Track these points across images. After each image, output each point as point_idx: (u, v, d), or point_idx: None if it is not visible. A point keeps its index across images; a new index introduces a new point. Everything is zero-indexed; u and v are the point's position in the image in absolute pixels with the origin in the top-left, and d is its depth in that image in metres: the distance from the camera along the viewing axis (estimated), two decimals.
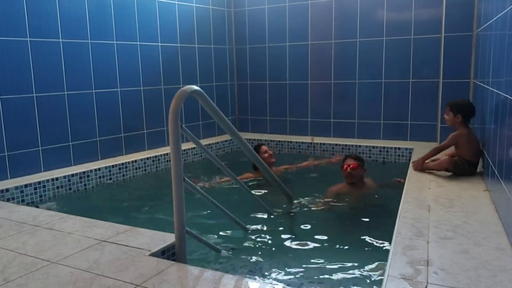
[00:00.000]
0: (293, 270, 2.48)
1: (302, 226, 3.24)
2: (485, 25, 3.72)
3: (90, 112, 4.41)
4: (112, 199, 4.00)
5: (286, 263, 2.58)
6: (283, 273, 2.45)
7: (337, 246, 2.83)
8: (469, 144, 3.46)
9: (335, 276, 2.39)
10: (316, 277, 2.39)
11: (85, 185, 4.06)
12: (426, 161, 3.69)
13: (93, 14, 4.34)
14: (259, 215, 3.31)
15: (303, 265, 2.54)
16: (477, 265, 1.90)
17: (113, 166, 4.32)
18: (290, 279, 2.38)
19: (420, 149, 4.64)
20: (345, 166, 3.71)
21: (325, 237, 3.00)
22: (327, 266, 2.52)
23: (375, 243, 2.84)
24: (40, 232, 2.50)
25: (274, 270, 2.49)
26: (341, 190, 3.77)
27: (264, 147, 4.43)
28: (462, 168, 3.43)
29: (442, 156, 3.64)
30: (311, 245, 2.86)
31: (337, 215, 3.51)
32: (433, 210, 2.65)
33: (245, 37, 6.21)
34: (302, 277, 2.39)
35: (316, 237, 2.98)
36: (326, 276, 2.40)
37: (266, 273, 2.45)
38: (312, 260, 2.61)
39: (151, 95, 5.05)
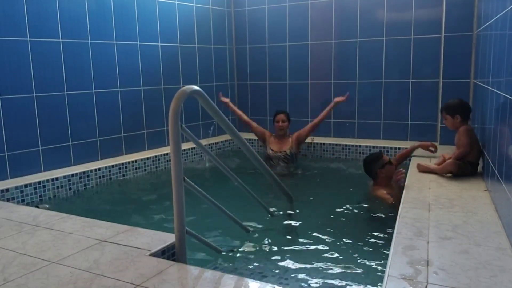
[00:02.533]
0: (293, 270, 2.49)
1: (302, 226, 3.25)
2: (485, 25, 3.72)
3: (90, 112, 4.41)
4: (112, 199, 4.00)
5: (286, 263, 2.58)
6: (283, 273, 2.45)
7: (337, 246, 2.83)
8: (472, 145, 3.45)
9: (335, 276, 2.39)
10: (316, 277, 2.39)
11: (85, 185, 4.06)
12: (427, 164, 3.67)
13: (93, 14, 4.33)
14: (259, 215, 3.31)
15: (303, 265, 2.54)
16: (477, 265, 1.90)
17: (113, 166, 4.32)
18: (290, 279, 2.39)
19: (420, 149, 4.64)
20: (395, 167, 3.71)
21: (325, 237, 3.00)
22: (327, 266, 2.52)
23: (375, 243, 2.84)
24: (40, 232, 2.50)
25: (274, 270, 2.49)
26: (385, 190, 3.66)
27: (280, 116, 4.83)
28: (464, 170, 3.42)
29: (446, 157, 3.63)
30: (311, 245, 2.86)
31: (337, 214, 3.51)
32: (433, 210, 2.65)
33: (245, 37, 6.21)
34: (302, 277, 2.40)
35: (316, 237, 2.99)
36: (326, 276, 2.40)
37: (266, 273, 2.45)
38: (312, 260, 2.61)
39: (151, 95, 5.05)
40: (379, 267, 2.44)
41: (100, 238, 2.36)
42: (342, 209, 3.63)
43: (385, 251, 2.60)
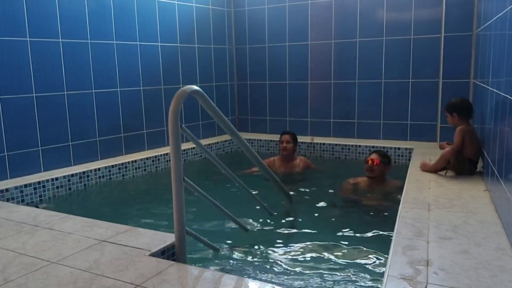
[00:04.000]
0: (293, 270, 2.49)
1: (302, 226, 3.25)
2: (485, 25, 3.72)
3: (90, 112, 4.41)
4: (112, 199, 4.00)
5: (286, 263, 2.58)
6: (282, 273, 2.45)
7: (337, 245, 2.83)
8: (471, 142, 3.46)
9: (335, 276, 2.39)
10: (316, 277, 2.39)
11: (85, 185, 4.06)
12: (426, 162, 3.70)
13: (93, 14, 4.33)
14: (259, 215, 3.31)
15: (303, 265, 2.54)
16: (477, 265, 1.90)
17: (112, 166, 4.32)
18: (290, 279, 2.39)
19: (420, 149, 4.65)
20: (369, 160, 3.80)
21: (325, 237, 3.00)
22: (327, 266, 2.52)
23: (375, 243, 2.84)
24: (40, 232, 2.50)
25: (274, 270, 2.49)
26: (358, 181, 3.89)
27: (284, 137, 4.52)
28: (462, 165, 3.42)
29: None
30: (311, 245, 2.86)
31: (337, 214, 3.51)
32: (433, 210, 2.65)
33: (245, 37, 6.21)
34: (302, 277, 2.40)
35: (316, 237, 2.99)
36: (326, 276, 2.40)
37: (266, 273, 2.45)
38: (311, 260, 2.62)
39: (151, 95, 5.05)
40: (379, 267, 2.44)
41: (100, 238, 2.36)
42: (341, 209, 3.63)
43: (385, 251, 2.60)
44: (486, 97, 3.35)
